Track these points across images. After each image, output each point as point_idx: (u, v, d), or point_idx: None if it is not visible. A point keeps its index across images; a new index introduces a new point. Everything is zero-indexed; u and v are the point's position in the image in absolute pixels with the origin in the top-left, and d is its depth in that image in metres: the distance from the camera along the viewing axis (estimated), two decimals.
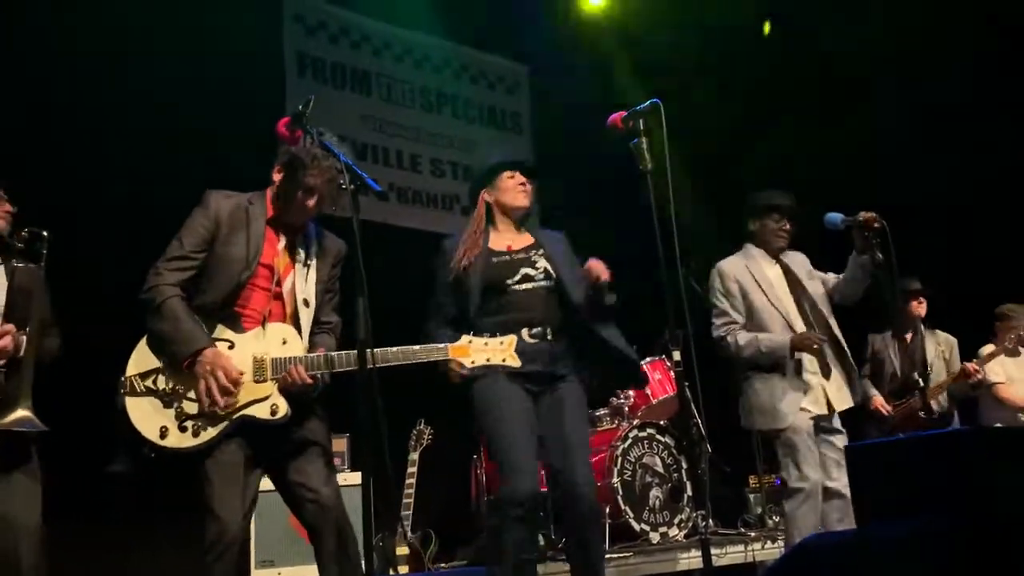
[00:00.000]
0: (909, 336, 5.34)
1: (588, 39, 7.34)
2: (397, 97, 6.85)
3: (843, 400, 3.84)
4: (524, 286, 3.22)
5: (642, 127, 2.89)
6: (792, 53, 7.17)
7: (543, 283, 3.25)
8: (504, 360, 2.83)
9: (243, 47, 5.51)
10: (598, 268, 3.17)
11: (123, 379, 2.67)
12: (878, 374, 5.36)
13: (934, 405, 5.11)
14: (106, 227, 4.71)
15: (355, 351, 2.62)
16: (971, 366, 5.22)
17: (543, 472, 3.45)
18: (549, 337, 3.21)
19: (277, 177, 2.84)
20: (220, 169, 3.08)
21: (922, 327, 5.34)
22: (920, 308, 5.35)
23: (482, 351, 2.82)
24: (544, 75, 7.51)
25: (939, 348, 5.42)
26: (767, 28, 7.63)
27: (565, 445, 3.09)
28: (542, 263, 3.28)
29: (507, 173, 3.40)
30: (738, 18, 7.13)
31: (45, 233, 3.23)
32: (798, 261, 4.03)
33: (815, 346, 3.72)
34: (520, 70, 7.67)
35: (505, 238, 3.37)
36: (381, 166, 6.50)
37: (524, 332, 3.16)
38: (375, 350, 2.59)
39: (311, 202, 2.80)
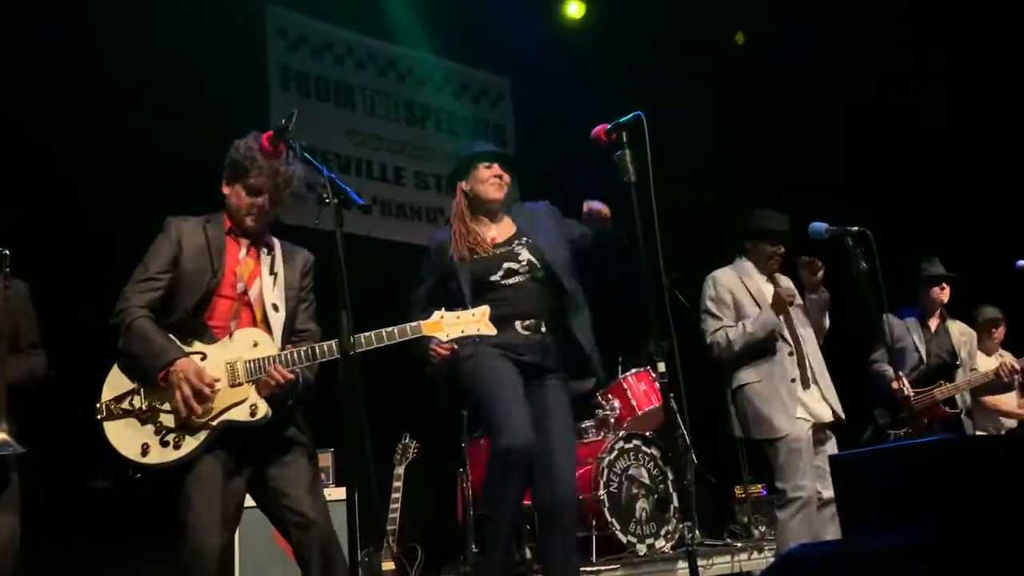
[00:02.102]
0: (934, 323, 5.11)
1: (571, 50, 7.35)
2: (381, 110, 6.84)
3: (825, 412, 3.88)
4: (510, 280, 3.24)
5: (625, 139, 2.90)
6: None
7: (528, 275, 3.26)
8: (479, 330, 2.82)
9: (226, 61, 5.49)
10: (598, 208, 3.17)
11: (98, 405, 2.67)
12: (899, 359, 4.99)
13: (958, 399, 4.92)
14: (86, 247, 4.66)
15: (332, 341, 2.67)
16: (1010, 363, 4.96)
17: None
18: (543, 329, 3.22)
19: (226, 190, 2.90)
20: (203, 183, 3.05)
21: (946, 313, 5.09)
22: (943, 294, 5.08)
23: (455, 324, 2.81)
24: (528, 87, 7.51)
25: (962, 338, 5.13)
26: (740, 38, 7.69)
27: (549, 451, 3.11)
28: (525, 255, 3.28)
29: (483, 164, 3.41)
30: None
31: (7, 252, 3.10)
32: (784, 285, 4.08)
33: (791, 299, 3.88)
34: (503, 83, 7.68)
35: (489, 230, 3.37)
36: (365, 179, 6.48)
37: (517, 324, 3.18)
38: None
39: (260, 202, 2.84)
